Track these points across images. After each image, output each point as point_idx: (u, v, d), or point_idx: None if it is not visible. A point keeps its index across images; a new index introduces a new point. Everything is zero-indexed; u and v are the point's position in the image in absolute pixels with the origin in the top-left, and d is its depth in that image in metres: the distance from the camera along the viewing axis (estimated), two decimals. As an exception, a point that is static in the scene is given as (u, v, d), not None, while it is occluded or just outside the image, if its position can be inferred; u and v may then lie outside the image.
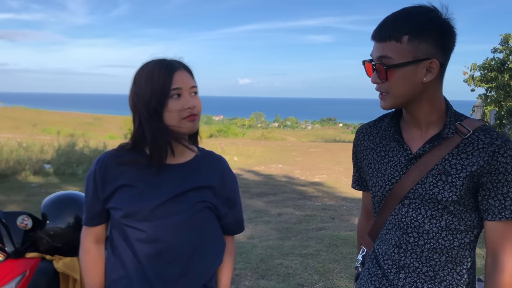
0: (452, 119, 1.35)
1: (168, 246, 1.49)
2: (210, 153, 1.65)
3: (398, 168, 1.38)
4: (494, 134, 1.30)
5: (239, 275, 4.31)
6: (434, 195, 1.31)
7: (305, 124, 69.11)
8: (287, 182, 9.77)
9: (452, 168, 1.30)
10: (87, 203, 1.58)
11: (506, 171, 1.27)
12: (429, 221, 1.33)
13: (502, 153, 1.27)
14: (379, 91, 1.34)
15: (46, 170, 9.57)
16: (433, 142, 1.33)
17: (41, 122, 29.71)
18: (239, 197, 1.69)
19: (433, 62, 1.27)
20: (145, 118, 1.45)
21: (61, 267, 2.09)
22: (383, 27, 1.29)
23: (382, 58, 1.27)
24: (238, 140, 21.77)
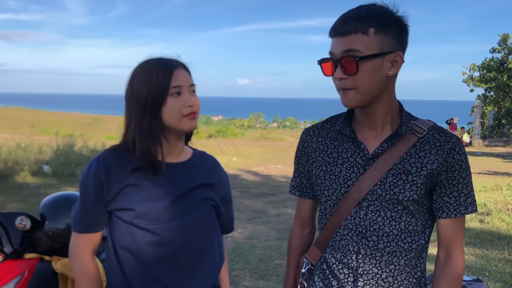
0: (407, 117, 1.35)
1: (181, 248, 1.47)
2: (203, 153, 1.67)
3: (354, 169, 1.34)
4: (448, 133, 1.32)
5: (238, 275, 4.31)
6: (395, 195, 1.29)
7: (304, 125, 69.05)
8: (286, 182, 9.77)
9: (412, 167, 1.29)
10: (86, 207, 1.46)
11: (461, 168, 1.29)
12: (389, 223, 1.30)
13: (457, 151, 1.29)
14: (342, 89, 1.28)
15: (44, 170, 9.56)
16: (391, 141, 1.31)
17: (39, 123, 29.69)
18: (231, 196, 1.71)
19: (398, 55, 1.27)
20: (139, 116, 1.43)
21: (60, 268, 2.09)
22: (347, 21, 1.25)
23: (349, 51, 1.23)
24: (237, 140, 21.78)
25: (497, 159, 15.36)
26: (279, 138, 25.81)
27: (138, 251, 1.44)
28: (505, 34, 22.56)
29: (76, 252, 1.49)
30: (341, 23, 1.25)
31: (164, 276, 1.45)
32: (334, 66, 1.27)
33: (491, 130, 22.15)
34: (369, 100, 1.29)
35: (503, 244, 5.30)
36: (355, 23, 1.23)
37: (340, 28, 1.25)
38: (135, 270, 1.45)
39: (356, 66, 1.22)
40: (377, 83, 1.26)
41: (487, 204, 6.94)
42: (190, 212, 1.49)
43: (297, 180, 1.54)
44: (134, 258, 1.45)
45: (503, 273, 4.45)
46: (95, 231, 1.48)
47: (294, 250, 1.58)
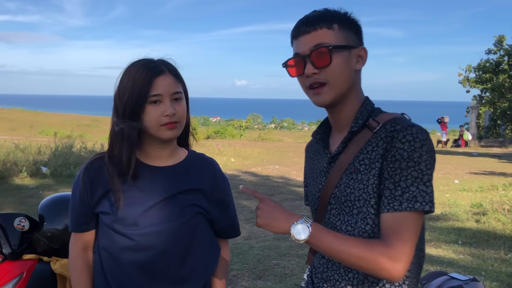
0: (363, 114, 1.27)
1: (158, 255, 1.45)
2: (201, 155, 1.61)
3: (322, 173, 1.34)
4: (400, 122, 1.19)
5: (236, 275, 4.33)
6: (348, 196, 1.24)
7: (302, 125, 69.14)
8: (284, 183, 9.79)
9: (361, 165, 1.22)
10: (74, 208, 1.52)
11: (402, 157, 1.13)
12: (346, 228, 1.25)
13: (400, 138, 1.14)
14: (314, 86, 1.25)
15: (43, 172, 9.56)
16: (344, 141, 1.28)
17: (38, 124, 29.64)
18: (232, 200, 1.64)
19: (362, 50, 1.27)
20: (120, 120, 1.42)
21: (58, 269, 2.09)
22: (310, 20, 1.25)
23: (319, 45, 1.22)
24: (235, 141, 21.78)
25: (493, 159, 15.39)
26: (277, 139, 25.84)
27: (116, 255, 1.46)
28: (501, 35, 22.65)
29: (70, 248, 1.57)
30: (304, 23, 1.25)
31: (142, 282, 1.45)
32: (303, 63, 1.24)
33: (487, 131, 22.20)
34: (341, 96, 1.26)
35: (499, 244, 5.33)
36: (320, 20, 1.24)
37: (304, 26, 1.25)
38: (114, 272, 1.47)
39: (329, 56, 1.21)
40: (348, 76, 1.25)
41: (483, 204, 6.96)
42: (169, 219, 1.45)
43: (305, 190, 1.54)
44: (113, 261, 1.47)
45: (499, 272, 4.47)
46: (84, 231, 1.54)
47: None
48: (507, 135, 22.11)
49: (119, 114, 1.42)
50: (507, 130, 22.32)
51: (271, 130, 35.13)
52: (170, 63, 1.47)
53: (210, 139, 22.15)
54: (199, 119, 48.09)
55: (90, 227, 1.53)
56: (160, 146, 1.48)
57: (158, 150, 1.49)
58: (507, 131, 22.28)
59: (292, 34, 1.29)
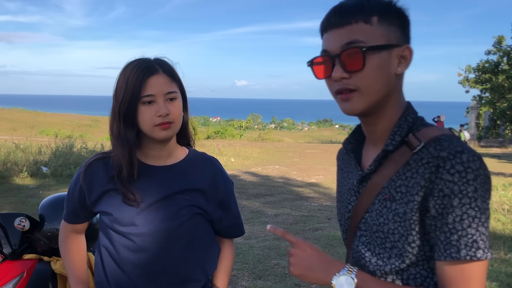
0: (402, 128, 1.06)
1: (156, 256, 1.44)
2: (202, 154, 1.59)
3: (352, 192, 1.16)
4: (445, 144, 0.97)
5: (236, 275, 4.33)
6: (380, 226, 1.05)
7: (302, 126, 69.15)
8: (284, 183, 9.79)
9: (397, 192, 1.02)
10: (69, 204, 1.58)
11: (453, 192, 0.93)
12: (376, 261, 1.07)
13: (448, 169, 0.94)
14: (342, 92, 1.04)
15: (43, 171, 9.56)
16: (379, 160, 1.08)
17: (38, 124, 29.64)
18: (234, 199, 1.61)
19: (406, 49, 1.04)
20: (116, 120, 1.42)
21: (59, 268, 2.10)
22: (343, 10, 1.03)
23: (351, 43, 1.00)
24: (235, 141, 21.78)
25: (493, 159, 15.39)
26: (276, 139, 25.84)
27: (115, 254, 1.47)
28: (500, 36, 22.66)
29: (60, 233, 1.66)
30: (338, 12, 1.03)
31: (140, 282, 1.45)
32: (331, 64, 1.03)
33: (487, 131, 22.20)
34: (376, 105, 1.05)
35: (498, 244, 5.33)
36: (355, 11, 1.01)
37: (337, 18, 1.03)
38: (113, 272, 1.48)
39: (362, 60, 0.99)
40: (386, 83, 1.03)
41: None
42: (166, 220, 1.44)
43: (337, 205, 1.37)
44: (113, 260, 1.48)
45: (499, 272, 4.48)
46: (77, 223, 1.62)
47: None
48: (506, 135, 22.11)
49: (115, 115, 1.42)
50: (507, 130, 22.33)
51: (271, 130, 35.13)
52: (166, 62, 1.45)
53: (210, 139, 22.16)
54: (199, 119, 48.09)
55: (81, 221, 1.61)
56: (158, 146, 1.48)
57: (156, 150, 1.48)
58: (506, 131, 22.28)
59: (322, 26, 1.07)
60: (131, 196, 1.43)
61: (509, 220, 6.29)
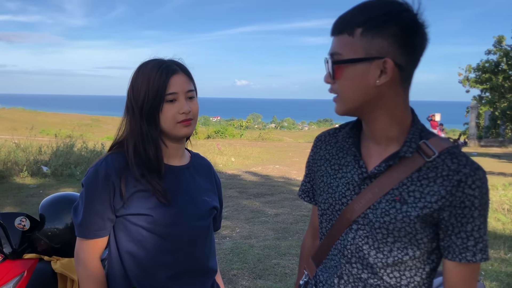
0: (415, 136, 1.13)
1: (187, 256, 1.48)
2: (199, 155, 1.67)
3: (350, 186, 1.19)
4: (463, 160, 1.09)
5: (236, 275, 4.33)
6: (385, 224, 1.12)
7: (302, 125, 69.16)
8: (284, 182, 9.79)
9: (409, 196, 1.10)
10: (94, 212, 1.41)
11: (473, 205, 1.07)
12: (375, 254, 1.14)
13: (469, 184, 1.07)
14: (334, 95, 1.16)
15: (44, 171, 9.57)
16: (389, 161, 1.13)
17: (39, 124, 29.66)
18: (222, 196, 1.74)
19: (386, 62, 1.06)
20: (138, 120, 1.43)
21: (59, 268, 2.10)
22: (339, 20, 1.12)
23: (333, 55, 1.11)
24: (235, 141, 21.79)
25: (493, 159, 15.39)
26: (277, 139, 25.84)
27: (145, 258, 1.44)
28: (500, 36, 22.66)
29: (83, 257, 1.45)
30: (334, 23, 1.14)
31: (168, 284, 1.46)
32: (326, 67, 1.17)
33: (487, 131, 22.20)
34: (358, 110, 1.14)
35: (499, 244, 5.33)
36: (344, 23, 1.10)
37: (332, 27, 1.14)
38: (138, 276, 1.45)
39: (333, 72, 1.12)
40: (363, 93, 1.10)
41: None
42: (199, 220, 1.51)
43: (307, 185, 1.42)
44: (139, 264, 1.44)
45: (499, 272, 4.48)
46: (102, 236, 1.45)
47: (304, 258, 1.50)
48: (506, 135, 22.10)
49: (136, 114, 1.43)
50: (507, 130, 22.33)
51: (271, 130, 35.13)
52: (181, 63, 1.49)
53: (210, 139, 22.16)
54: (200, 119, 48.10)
55: (108, 232, 1.46)
56: (176, 145, 1.51)
57: (174, 149, 1.51)
58: (506, 131, 22.28)
59: None
60: (163, 194, 1.42)
61: (509, 219, 6.29)
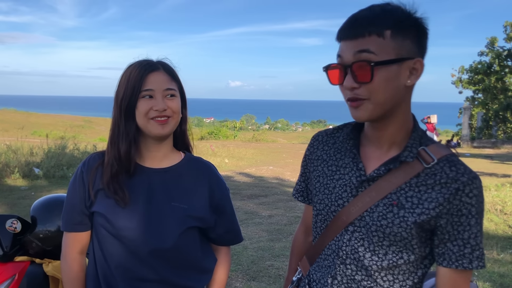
0: (416, 141, 1.15)
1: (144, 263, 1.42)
2: (198, 159, 1.58)
3: (347, 189, 1.20)
4: (461, 169, 1.11)
5: (230, 277, 4.32)
6: (381, 228, 1.13)
7: (296, 126, 69.31)
8: (278, 183, 9.79)
9: (407, 201, 1.11)
10: (71, 207, 1.49)
11: (470, 213, 1.08)
12: (370, 257, 1.15)
13: (467, 192, 1.08)
14: (353, 100, 1.11)
15: (35, 173, 9.50)
16: (389, 165, 1.14)
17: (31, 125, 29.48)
18: (230, 205, 1.59)
19: (417, 62, 1.10)
20: (117, 117, 1.44)
21: (51, 271, 2.08)
22: (358, 21, 1.08)
23: (363, 52, 1.06)
24: (229, 142, 21.76)
25: (486, 160, 15.50)
26: (270, 140, 25.86)
27: (108, 257, 1.44)
28: (493, 37, 22.83)
29: (64, 250, 1.52)
30: (352, 24, 1.09)
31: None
32: (344, 73, 1.10)
33: (480, 132, 22.35)
34: (383, 114, 1.12)
35: (491, 244, 5.36)
36: (369, 24, 1.06)
37: (352, 29, 1.08)
38: (105, 275, 1.45)
39: (370, 73, 1.05)
40: (394, 94, 1.09)
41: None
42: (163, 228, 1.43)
43: (302, 185, 1.42)
44: (106, 262, 1.45)
45: (492, 272, 4.50)
46: (80, 231, 1.50)
47: (295, 255, 1.50)
48: (499, 136, 22.27)
49: (116, 111, 1.45)
50: (499, 131, 22.49)
51: (265, 131, 35.15)
52: (167, 63, 1.49)
53: (204, 140, 22.12)
54: (193, 120, 48.09)
55: (87, 227, 1.50)
56: (155, 146, 1.47)
57: (152, 150, 1.48)
58: (499, 132, 22.45)
59: (338, 33, 1.12)
60: (121, 196, 1.41)
61: (501, 220, 6.33)
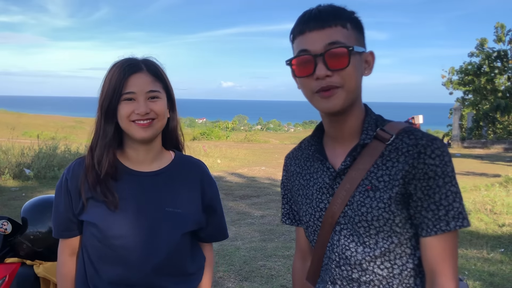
0: (371, 124, 1.17)
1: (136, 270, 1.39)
2: (188, 158, 1.57)
3: (323, 190, 1.19)
4: (419, 134, 1.10)
5: (223, 277, 4.32)
6: (363, 216, 1.11)
7: (288, 127, 69.35)
8: (270, 184, 9.80)
9: (379, 182, 1.10)
10: (57, 214, 1.47)
11: (436, 174, 1.06)
12: (363, 250, 1.13)
13: (429, 154, 1.06)
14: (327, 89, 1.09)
15: (26, 174, 9.42)
16: (352, 154, 1.15)
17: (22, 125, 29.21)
18: (220, 203, 1.59)
19: (370, 55, 1.16)
20: (98, 119, 1.41)
21: (42, 272, 2.07)
22: (323, 14, 1.10)
23: (335, 44, 1.07)
24: (221, 142, 21.74)
25: (476, 160, 15.61)
26: (263, 140, 25.85)
27: (98, 266, 1.42)
28: (483, 38, 22.99)
29: (58, 253, 1.53)
30: (317, 16, 1.10)
31: None
32: (314, 63, 1.08)
33: (470, 132, 22.51)
34: (351, 103, 1.14)
35: (481, 244, 5.41)
36: (334, 16, 1.10)
37: (319, 21, 1.09)
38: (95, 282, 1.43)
39: (348, 59, 1.07)
40: (359, 83, 1.14)
41: (466, 205, 7.06)
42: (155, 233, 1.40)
43: (286, 207, 1.39)
44: (95, 270, 1.43)
45: (482, 271, 4.54)
46: (69, 237, 1.49)
47: (297, 282, 1.43)
48: (489, 136, 22.45)
49: (98, 112, 1.42)
50: (489, 132, 22.68)
51: (257, 131, 35.13)
52: (152, 62, 1.44)
53: (196, 141, 22.07)
54: (185, 121, 47.95)
55: (76, 233, 1.48)
56: (143, 149, 1.45)
57: (140, 153, 1.45)
58: (489, 132, 22.63)
59: (298, 29, 1.12)
60: (112, 201, 1.38)
61: (491, 220, 6.38)
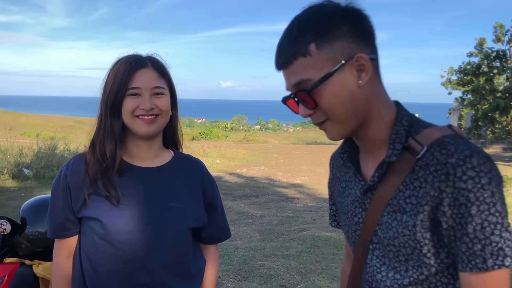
0: (400, 134, 1.00)
1: (141, 267, 1.38)
2: (187, 156, 1.57)
3: (356, 204, 1.10)
4: (452, 149, 0.92)
5: (222, 277, 4.32)
6: (391, 240, 1.00)
7: (287, 127, 69.39)
8: (269, 184, 9.81)
9: (407, 204, 0.97)
10: (55, 213, 1.45)
11: (469, 200, 0.87)
12: (393, 276, 1.02)
13: (459, 176, 0.88)
14: (317, 125, 1.04)
15: (25, 173, 9.42)
16: (379, 170, 1.01)
17: (20, 125, 29.22)
18: (220, 201, 1.59)
19: (359, 58, 0.96)
20: (103, 115, 1.41)
21: (41, 272, 2.07)
22: (282, 48, 1.00)
23: (299, 84, 0.98)
24: (220, 142, 21.74)
25: (476, 160, 15.62)
26: (262, 140, 25.86)
27: (96, 264, 1.40)
28: (482, 38, 23.01)
29: (54, 254, 1.51)
30: (278, 54, 1.02)
31: None
32: (296, 102, 1.04)
33: (469, 132, 22.54)
34: (356, 126, 1.02)
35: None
36: (290, 48, 0.98)
37: (279, 59, 1.02)
38: (94, 282, 1.41)
39: (311, 100, 0.97)
40: (352, 103, 0.98)
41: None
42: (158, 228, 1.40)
43: (332, 208, 1.30)
44: (94, 270, 1.41)
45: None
46: (66, 237, 1.47)
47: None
48: (488, 136, 22.48)
49: (102, 108, 1.42)
50: (488, 132, 22.71)
51: (256, 131, 35.12)
52: (157, 59, 1.45)
53: (195, 141, 22.08)
54: (184, 120, 47.97)
55: (73, 233, 1.46)
56: (145, 145, 1.45)
57: (143, 149, 1.46)
58: (488, 132, 22.66)
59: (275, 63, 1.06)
60: (115, 196, 1.37)
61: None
